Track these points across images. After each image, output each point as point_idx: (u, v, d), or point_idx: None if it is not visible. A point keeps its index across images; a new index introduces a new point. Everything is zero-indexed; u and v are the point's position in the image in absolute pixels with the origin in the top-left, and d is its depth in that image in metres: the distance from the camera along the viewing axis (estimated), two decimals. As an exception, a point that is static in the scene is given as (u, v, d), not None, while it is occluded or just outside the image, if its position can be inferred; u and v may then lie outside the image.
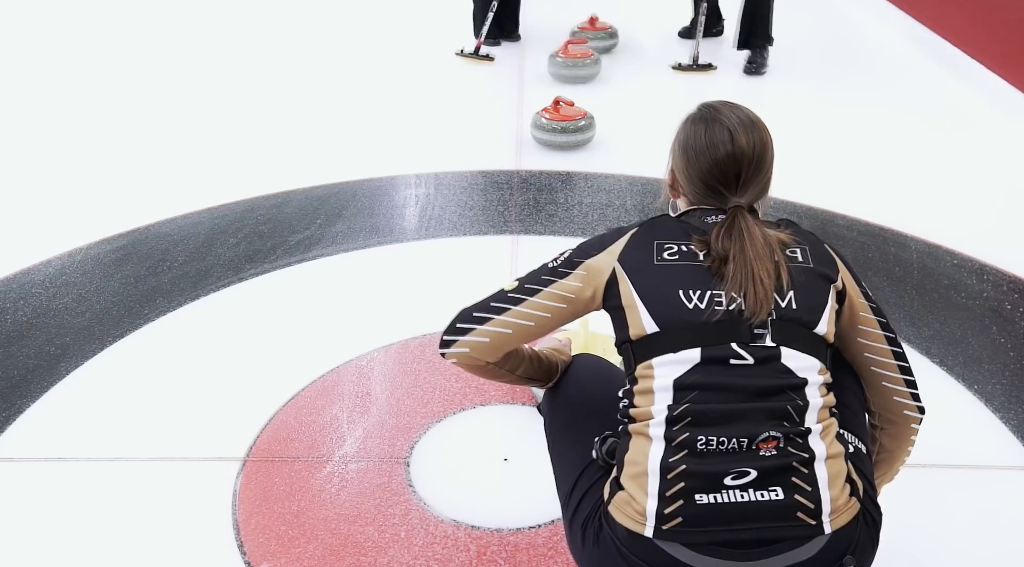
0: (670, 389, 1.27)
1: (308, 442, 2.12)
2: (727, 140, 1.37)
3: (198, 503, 1.95)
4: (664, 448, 1.25)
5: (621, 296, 1.34)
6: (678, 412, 1.26)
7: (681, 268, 1.32)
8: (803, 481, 1.23)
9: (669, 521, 1.22)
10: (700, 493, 1.22)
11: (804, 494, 1.23)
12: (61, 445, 2.13)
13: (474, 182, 3.51)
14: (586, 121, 3.81)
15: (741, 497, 1.22)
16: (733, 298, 1.27)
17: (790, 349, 1.28)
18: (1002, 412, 2.21)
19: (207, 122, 4.25)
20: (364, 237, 3.09)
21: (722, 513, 1.22)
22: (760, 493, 1.22)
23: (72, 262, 2.94)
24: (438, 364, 2.38)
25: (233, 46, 5.43)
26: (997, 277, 2.81)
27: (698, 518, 1.22)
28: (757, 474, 1.22)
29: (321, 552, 1.81)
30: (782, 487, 1.23)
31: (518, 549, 1.81)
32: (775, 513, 1.22)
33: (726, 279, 1.28)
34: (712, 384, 1.26)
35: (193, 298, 2.72)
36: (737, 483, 1.22)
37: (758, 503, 1.22)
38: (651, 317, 1.30)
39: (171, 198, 3.37)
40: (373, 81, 4.78)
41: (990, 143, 3.97)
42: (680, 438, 1.24)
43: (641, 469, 1.26)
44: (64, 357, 2.44)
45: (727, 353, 1.27)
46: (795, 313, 1.29)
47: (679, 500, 1.23)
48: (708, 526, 1.22)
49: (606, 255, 1.37)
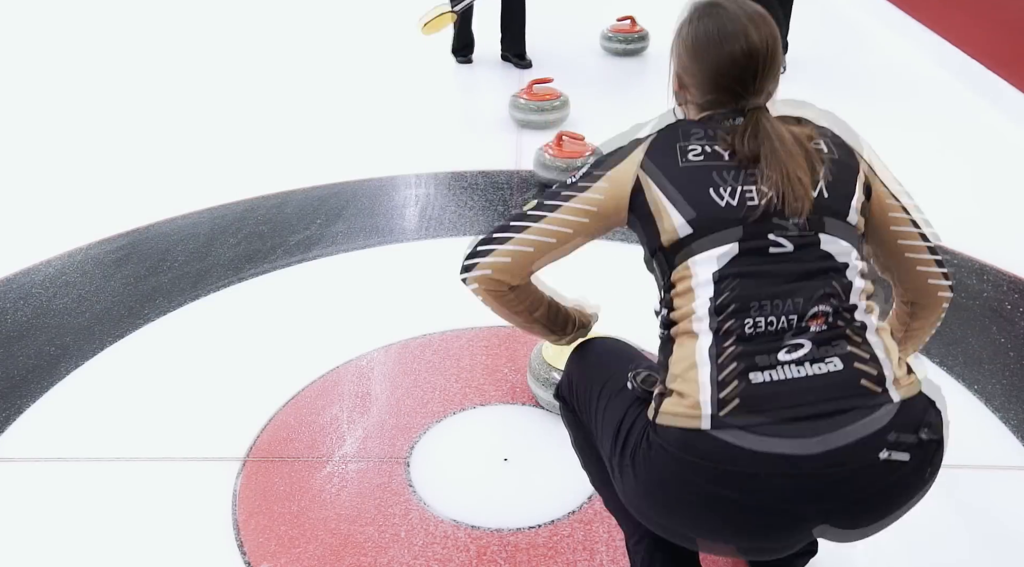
0: (710, 283, 1.24)
1: (308, 442, 2.12)
2: (741, 37, 1.30)
3: (198, 503, 1.95)
4: (712, 339, 1.22)
5: (648, 203, 1.29)
6: (721, 301, 1.22)
7: (708, 168, 1.27)
8: (859, 350, 1.21)
9: (726, 406, 1.18)
10: (755, 372, 1.19)
11: (863, 361, 1.20)
12: (61, 445, 2.13)
13: (474, 182, 3.51)
14: (560, 101, 3.97)
15: (798, 372, 1.18)
16: (765, 193, 1.24)
17: (827, 235, 1.25)
18: (1002, 412, 2.21)
19: (207, 122, 4.25)
20: (364, 237, 3.09)
21: (781, 390, 1.18)
22: (817, 366, 1.19)
23: (72, 262, 2.94)
24: (438, 364, 2.38)
25: (233, 46, 5.43)
26: (997, 277, 2.81)
27: (756, 399, 1.18)
28: (811, 347, 1.19)
29: (321, 552, 1.81)
30: (839, 357, 1.20)
31: (518, 549, 1.81)
32: (836, 384, 1.18)
33: (759, 177, 1.25)
34: (753, 272, 1.23)
35: (193, 298, 2.72)
36: (792, 357, 1.19)
37: (817, 376, 1.18)
38: (683, 219, 1.26)
39: (171, 198, 3.37)
40: (373, 81, 4.78)
41: (990, 143, 3.97)
42: (727, 326, 1.21)
43: (690, 363, 1.22)
44: (64, 357, 2.44)
45: (765, 243, 1.24)
46: (827, 202, 1.27)
47: (734, 382, 1.19)
48: (768, 406, 1.17)
49: (627, 164, 1.32)
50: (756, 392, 1.18)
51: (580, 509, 1.91)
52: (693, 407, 1.20)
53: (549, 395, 2.13)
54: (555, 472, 2.02)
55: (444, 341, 2.48)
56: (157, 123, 4.24)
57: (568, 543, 1.82)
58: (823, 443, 1.16)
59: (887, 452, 1.18)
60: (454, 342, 2.48)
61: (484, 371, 2.35)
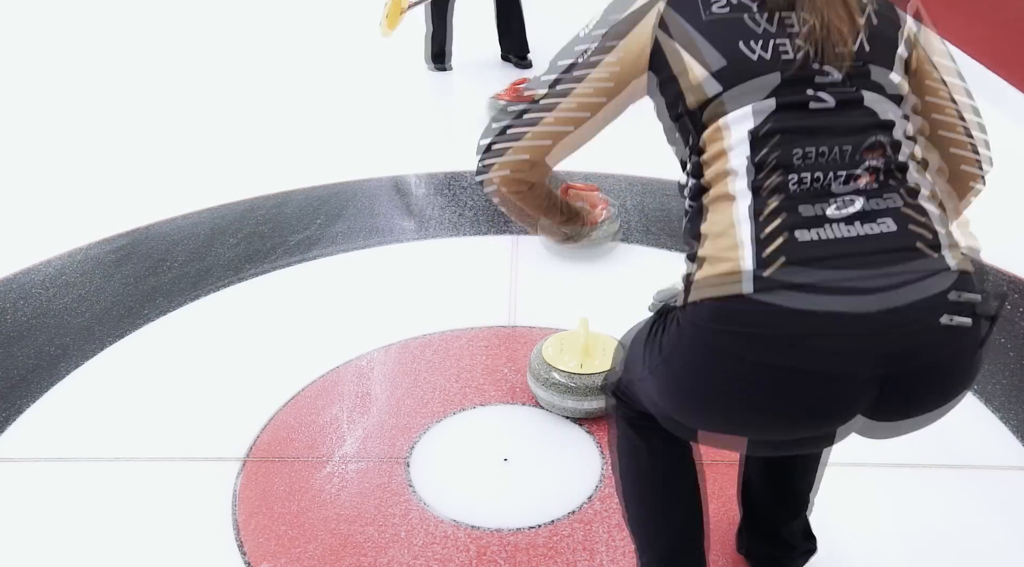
0: (746, 141, 1.13)
1: (308, 442, 2.12)
2: None
3: (198, 503, 1.95)
4: (751, 198, 1.12)
5: (671, 64, 1.18)
6: (761, 158, 1.12)
7: (736, 20, 1.16)
8: (913, 211, 1.11)
9: (769, 266, 1.07)
10: (801, 230, 1.08)
11: (917, 224, 1.11)
12: (61, 445, 2.13)
13: (474, 182, 3.50)
14: None
15: (848, 231, 1.09)
16: (800, 45, 1.14)
17: (870, 92, 1.16)
18: (1002, 412, 2.21)
19: (207, 122, 4.26)
20: (364, 237, 3.09)
21: (830, 251, 1.08)
22: (869, 226, 1.09)
23: (72, 262, 2.94)
24: (438, 364, 2.38)
25: (233, 47, 5.43)
26: (997, 277, 2.81)
27: (803, 257, 1.07)
28: (863, 203, 1.10)
29: (321, 552, 1.81)
30: (892, 217, 1.10)
31: (518, 549, 1.81)
32: (890, 245, 1.09)
33: (793, 27, 1.15)
34: (794, 127, 1.13)
35: (193, 298, 2.72)
36: (842, 214, 1.09)
37: (869, 236, 1.09)
38: (710, 76, 1.15)
39: (171, 198, 3.37)
40: (374, 81, 4.78)
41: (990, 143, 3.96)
42: (769, 183, 1.11)
43: (726, 224, 1.12)
44: (64, 357, 2.44)
45: (804, 98, 1.14)
46: (869, 55, 1.17)
47: (779, 238, 1.08)
48: (816, 265, 1.07)
49: (642, 27, 1.20)
50: (803, 251, 1.08)
51: (580, 509, 1.91)
52: (731, 271, 1.09)
53: (549, 395, 2.13)
54: (555, 472, 2.02)
55: (444, 341, 2.48)
56: (157, 123, 4.24)
57: (568, 543, 1.82)
58: (881, 301, 1.06)
59: (948, 317, 1.08)
60: (454, 342, 2.48)
61: (484, 371, 2.35)
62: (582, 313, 2.31)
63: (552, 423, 2.16)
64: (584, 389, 2.09)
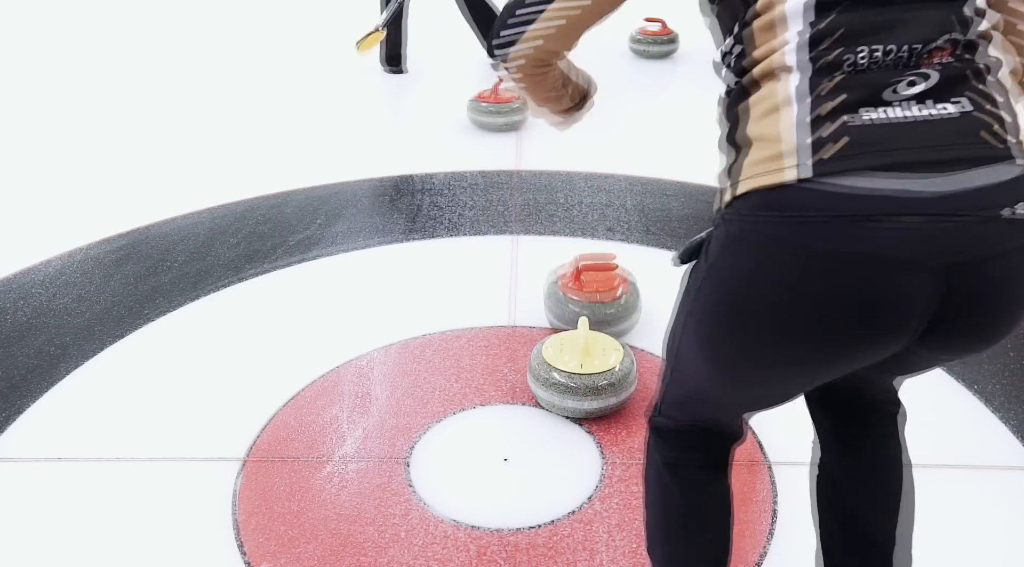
0: (801, 11, 1.01)
1: (308, 442, 2.12)
2: None
3: (198, 503, 1.95)
4: (810, 73, 1.00)
5: None
6: (822, 28, 1.00)
7: None
8: (983, 98, 1.01)
9: (829, 147, 0.97)
10: (865, 109, 0.97)
11: (986, 111, 1.00)
12: (61, 445, 2.13)
13: (474, 182, 3.50)
14: (519, 103, 3.92)
15: (918, 111, 0.98)
16: None
17: None
18: (1002, 412, 2.21)
19: (207, 122, 4.26)
20: (364, 237, 3.09)
21: (894, 131, 0.97)
22: (941, 107, 0.98)
23: (72, 262, 2.94)
24: (438, 364, 2.38)
25: (233, 47, 5.42)
26: None
27: (864, 140, 0.97)
28: (932, 82, 0.99)
29: (321, 552, 1.81)
30: (966, 98, 1.00)
31: (518, 549, 1.81)
32: (955, 129, 0.99)
33: None
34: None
35: (193, 298, 2.72)
36: (910, 92, 0.98)
37: (935, 119, 0.98)
38: None
39: (171, 198, 3.37)
40: (373, 81, 4.78)
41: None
42: (830, 57, 0.99)
43: (780, 101, 1.01)
44: (64, 357, 2.44)
45: None
46: None
47: (840, 117, 0.97)
48: (878, 147, 0.97)
49: None
50: (866, 132, 0.97)
51: (580, 509, 1.91)
52: (784, 154, 0.98)
53: (549, 395, 2.13)
54: (555, 472, 2.02)
55: (444, 341, 2.48)
56: (157, 123, 4.24)
57: (568, 543, 1.82)
58: (944, 184, 0.97)
59: (1010, 209, 0.99)
60: (454, 342, 2.48)
61: (484, 371, 2.35)
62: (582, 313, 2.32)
63: (552, 423, 2.16)
64: (584, 389, 2.09)
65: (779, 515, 1.88)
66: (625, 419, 2.16)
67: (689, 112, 4.46)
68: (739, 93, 1.08)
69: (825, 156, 0.96)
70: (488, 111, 3.98)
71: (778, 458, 2.03)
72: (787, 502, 1.91)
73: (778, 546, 1.82)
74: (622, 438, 2.10)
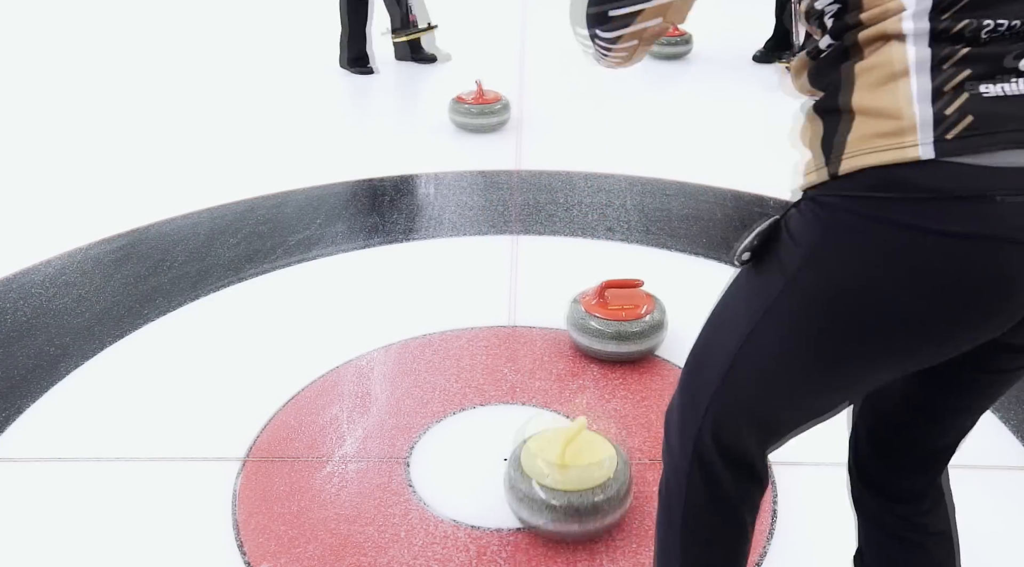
0: None
1: (308, 442, 2.12)
2: None
3: (198, 503, 1.95)
4: (930, 42, 0.91)
5: None
6: None
7: None
8: None
9: (953, 124, 0.88)
10: (986, 82, 0.89)
11: None
12: (61, 445, 2.13)
13: (474, 182, 3.51)
14: (501, 104, 3.95)
15: None
16: None
17: None
18: (1002, 412, 2.21)
19: (207, 122, 4.26)
20: (364, 237, 3.09)
21: (1019, 106, 0.89)
22: None
23: (72, 262, 2.94)
24: (438, 364, 2.38)
25: (232, 46, 5.42)
26: None
27: (991, 115, 0.88)
28: None
29: (321, 552, 1.81)
30: None
31: (518, 549, 1.81)
32: None
33: None
34: None
35: (193, 298, 2.72)
36: None
37: None
38: None
39: (171, 198, 3.37)
40: (372, 81, 4.78)
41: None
42: (954, 27, 0.91)
43: (896, 71, 0.92)
44: (64, 357, 2.44)
45: None
46: None
47: (963, 93, 0.89)
48: (1008, 125, 0.89)
49: None
50: (990, 107, 0.89)
51: (580, 509, 1.91)
52: (903, 130, 0.90)
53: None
54: (555, 472, 2.02)
55: (444, 341, 2.48)
56: (157, 123, 4.24)
57: (568, 543, 1.82)
58: None
59: None
60: (454, 342, 2.48)
61: (484, 371, 2.35)
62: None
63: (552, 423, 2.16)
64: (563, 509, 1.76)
65: (779, 515, 1.88)
66: (625, 419, 2.16)
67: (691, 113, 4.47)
68: (838, 55, 0.98)
69: (951, 133, 0.89)
70: (470, 113, 3.96)
71: (778, 458, 2.02)
72: (787, 502, 1.91)
73: (778, 546, 1.81)
74: (622, 438, 2.10)
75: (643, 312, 2.33)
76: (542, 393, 2.26)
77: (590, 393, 2.26)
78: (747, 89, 4.60)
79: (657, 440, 2.09)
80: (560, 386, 2.29)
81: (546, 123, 4.16)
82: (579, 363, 2.37)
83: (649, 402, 2.22)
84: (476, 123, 3.98)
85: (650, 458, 2.04)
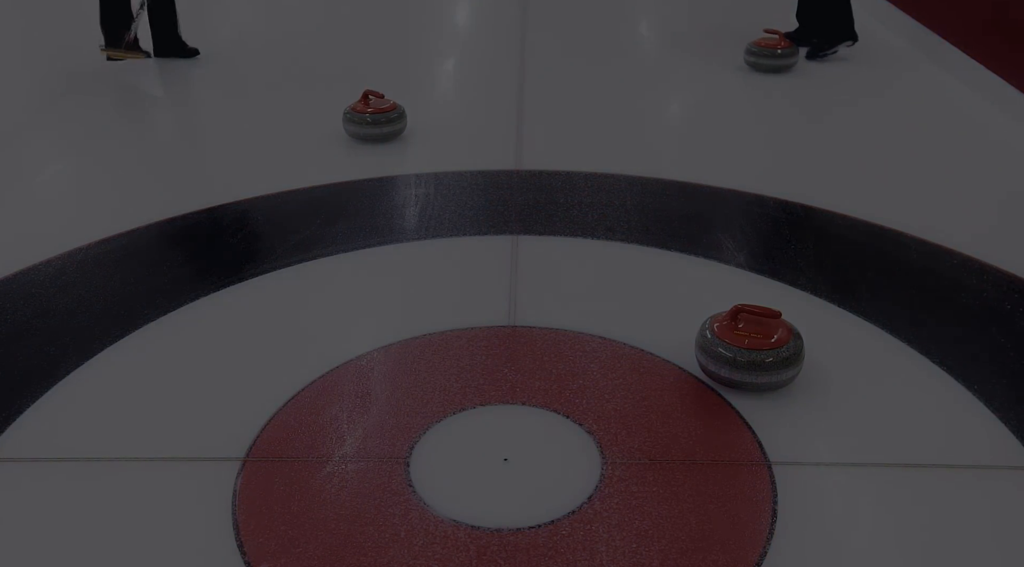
0: None
1: (308, 442, 2.12)
2: None
3: (198, 503, 1.95)
4: None
5: None
6: None
7: None
8: None
9: None
10: None
11: None
12: (61, 445, 2.13)
13: (474, 182, 3.51)
14: (396, 113, 3.88)
15: None
16: None
17: None
18: (1002, 412, 2.21)
19: (207, 123, 4.25)
20: (364, 237, 3.09)
21: None
22: None
23: (72, 262, 2.94)
24: (438, 364, 2.38)
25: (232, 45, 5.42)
26: (997, 277, 2.81)
27: None
28: None
29: (321, 552, 1.81)
30: None
31: (518, 549, 1.81)
32: None
33: None
34: None
35: (193, 298, 2.72)
36: None
37: None
38: None
39: (171, 198, 3.37)
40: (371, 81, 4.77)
41: (990, 143, 3.97)
42: None
43: None
44: (64, 357, 2.44)
45: None
46: None
47: None
48: None
49: None
50: None
51: (580, 509, 1.91)
52: None
53: None
54: (555, 472, 2.02)
55: (444, 341, 2.48)
56: (157, 124, 4.24)
57: (568, 543, 1.82)
58: None
59: None
60: (454, 342, 2.48)
61: (484, 371, 2.35)
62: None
63: (552, 423, 2.16)
64: None
65: (779, 515, 1.88)
66: (625, 419, 2.16)
67: (691, 113, 4.47)
68: None
69: None
70: (364, 122, 3.84)
71: (778, 458, 2.03)
72: (787, 502, 1.91)
73: (778, 546, 1.81)
74: (622, 438, 2.10)
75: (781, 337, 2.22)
76: (542, 393, 2.26)
77: (590, 393, 2.26)
78: (747, 89, 4.60)
79: (657, 440, 2.09)
80: (560, 386, 2.29)
81: (546, 123, 4.17)
82: (579, 363, 2.37)
83: (649, 402, 2.22)
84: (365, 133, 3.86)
85: (650, 458, 2.04)
